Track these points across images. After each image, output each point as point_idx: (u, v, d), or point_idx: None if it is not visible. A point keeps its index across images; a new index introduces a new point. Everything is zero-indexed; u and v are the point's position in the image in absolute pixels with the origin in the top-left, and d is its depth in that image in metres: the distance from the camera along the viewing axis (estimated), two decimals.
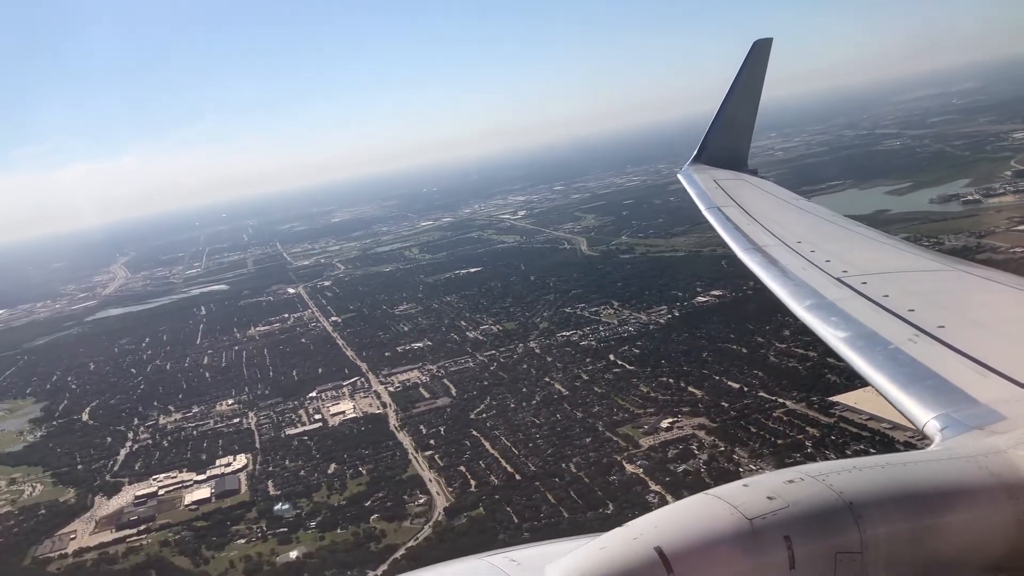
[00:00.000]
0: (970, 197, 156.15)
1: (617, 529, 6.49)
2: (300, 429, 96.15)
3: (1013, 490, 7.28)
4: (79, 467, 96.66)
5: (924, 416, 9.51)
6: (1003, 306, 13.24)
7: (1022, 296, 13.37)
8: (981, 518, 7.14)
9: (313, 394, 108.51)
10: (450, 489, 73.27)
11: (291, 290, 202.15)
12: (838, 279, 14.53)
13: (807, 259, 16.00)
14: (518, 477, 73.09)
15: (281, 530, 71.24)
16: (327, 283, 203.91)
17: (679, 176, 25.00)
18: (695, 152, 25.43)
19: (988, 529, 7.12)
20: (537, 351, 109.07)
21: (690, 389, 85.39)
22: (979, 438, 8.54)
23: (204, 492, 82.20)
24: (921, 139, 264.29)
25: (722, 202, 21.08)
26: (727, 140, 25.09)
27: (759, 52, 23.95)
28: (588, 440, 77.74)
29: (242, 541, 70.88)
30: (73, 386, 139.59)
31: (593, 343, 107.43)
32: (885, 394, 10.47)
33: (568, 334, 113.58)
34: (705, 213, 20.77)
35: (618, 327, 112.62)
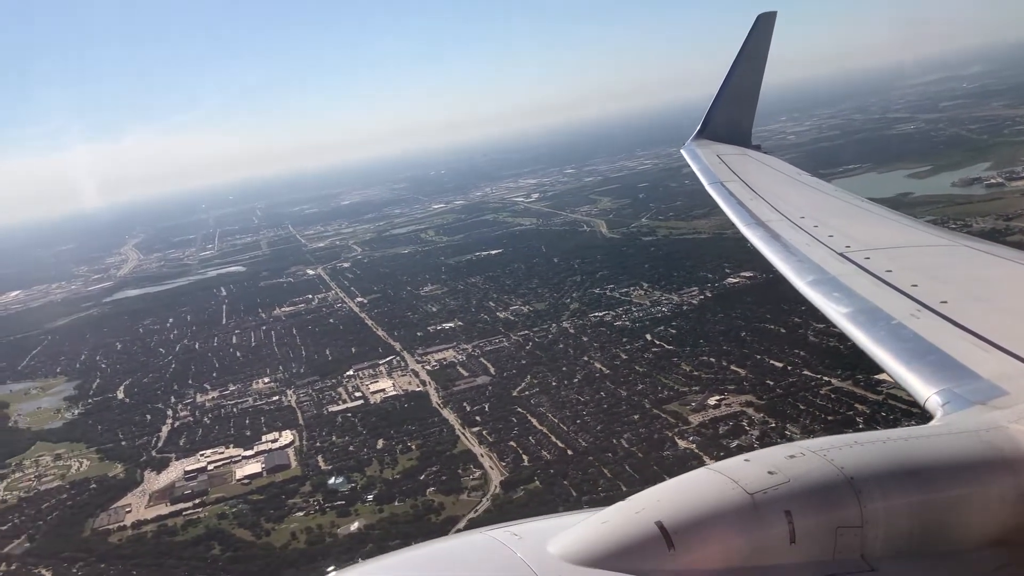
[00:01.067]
0: (993, 180, 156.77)
1: (619, 503, 6.60)
2: (342, 406, 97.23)
3: (1014, 465, 7.31)
4: (122, 443, 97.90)
5: (926, 391, 9.58)
6: (1006, 281, 13.29)
7: None
8: (982, 493, 7.14)
9: (350, 372, 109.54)
10: (503, 463, 74.56)
11: (310, 272, 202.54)
12: (841, 254, 14.58)
13: (810, 234, 16.08)
14: (570, 452, 74.33)
15: (338, 503, 72.48)
16: (346, 264, 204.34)
17: (682, 151, 25.14)
18: (698, 127, 25.61)
19: (989, 504, 7.13)
20: (571, 331, 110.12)
21: (732, 368, 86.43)
22: (981, 413, 8.59)
23: (255, 467, 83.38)
24: (935, 123, 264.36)
25: (725, 177, 21.16)
26: (730, 115, 25.25)
27: (763, 25, 23.85)
28: (636, 417, 78.89)
29: (300, 514, 72.10)
30: (103, 365, 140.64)
31: (627, 323, 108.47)
32: (887, 369, 10.56)
33: (600, 314, 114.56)
34: (708, 188, 20.88)
35: (651, 308, 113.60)
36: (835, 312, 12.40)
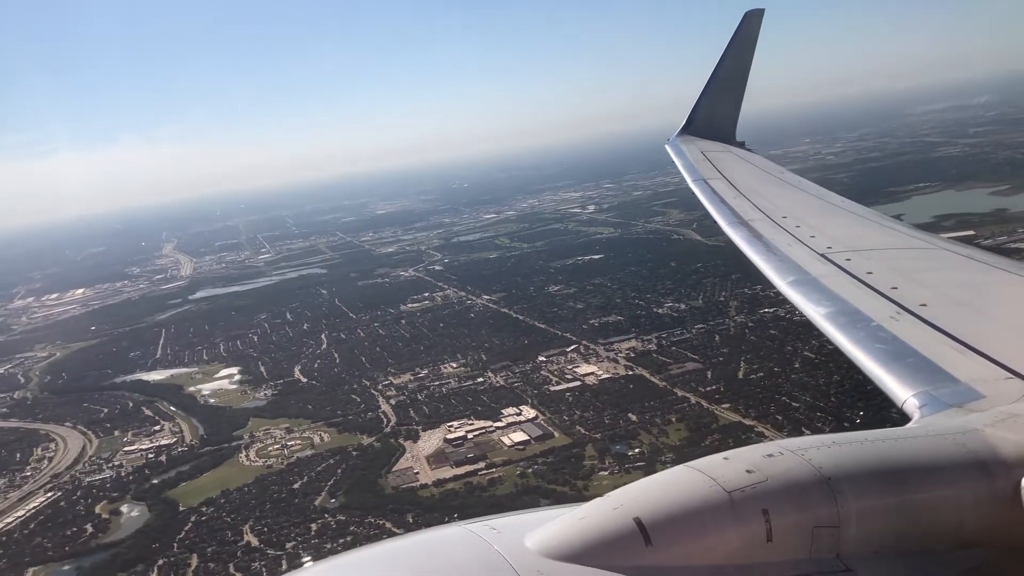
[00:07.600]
0: None
1: (597, 499, 6.72)
2: (563, 386, 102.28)
3: (989, 467, 7.41)
4: (349, 418, 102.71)
5: (904, 394, 9.75)
6: (985, 285, 13.60)
7: (1003, 275, 13.80)
8: (957, 494, 7.25)
9: (542, 358, 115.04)
10: (784, 433, 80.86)
11: (403, 273, 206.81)
12: (822, 255, 14.82)
13: (792, 234, 16.27)
14: (846, 425, 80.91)
15: (638, 464, 78.19)
16: (438, 267, 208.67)
17: (666, 147, 25.39)
18: (683, 123, 26.06)
19: (963, 505, 7.23)
20: (751, 324, 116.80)
21: None
22: (957, 416, 8.74)
23: (520, 435, 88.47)
24: (979, 146, 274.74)
25: (708, 174, 21.41)
26: (716, 112, 25.69)
27: (750, 23, 24.14)
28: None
29: (603, 472, 77.65)
30: (252, 353, 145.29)
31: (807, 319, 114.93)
32: (866, 371, 10.81)
33: (771, 311, 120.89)
34: (691, 185, 21.10)
35: None
36: (815, 313, 12.76)
